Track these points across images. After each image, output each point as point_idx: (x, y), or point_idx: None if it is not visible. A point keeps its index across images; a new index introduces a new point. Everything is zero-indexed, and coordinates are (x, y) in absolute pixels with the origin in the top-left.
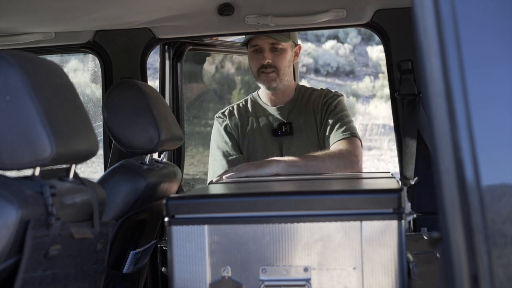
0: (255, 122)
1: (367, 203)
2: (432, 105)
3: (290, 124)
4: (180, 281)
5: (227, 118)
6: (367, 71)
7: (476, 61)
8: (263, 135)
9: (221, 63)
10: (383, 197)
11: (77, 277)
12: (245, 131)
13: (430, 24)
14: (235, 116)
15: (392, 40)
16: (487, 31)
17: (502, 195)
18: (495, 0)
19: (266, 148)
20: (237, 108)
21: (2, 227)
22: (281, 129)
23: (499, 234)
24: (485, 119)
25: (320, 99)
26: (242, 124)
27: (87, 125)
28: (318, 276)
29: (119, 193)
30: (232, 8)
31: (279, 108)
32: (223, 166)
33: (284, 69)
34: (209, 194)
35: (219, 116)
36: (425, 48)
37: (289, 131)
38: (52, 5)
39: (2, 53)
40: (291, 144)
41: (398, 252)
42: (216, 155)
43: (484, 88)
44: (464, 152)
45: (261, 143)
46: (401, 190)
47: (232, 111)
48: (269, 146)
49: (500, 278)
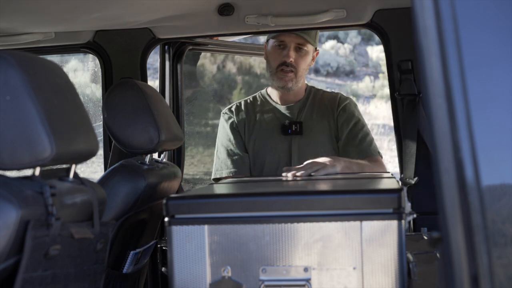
0: (263, 120)
1: (367, 203)
2: (432, 105)
3: (300, 123)
4: (180, 281)
5: (233, 115)
6: (367, 71)
7: (476, 61)
8: (272, 133)
9: (222, 63)
10: (383, 197)
11: (77, 277)
12: (252, 128)
13: (430, 24)
14: (242, 112)
15: (392, 40)
16: (487, 31)
17: (502, 195)
18: (495, 0)
19: (274, 146)
20: (244, 104)
21: (2, 227)
22: (291, 127)
23: (499, 234)
24: (485, 119)
25: (335, 104)
26: (249, 121)
27: (87, 125)
28: (318, 276)
29: (119, 193)
30: (232, 8)
31: (288, 107)
32: (227, 166)
33: (302, 71)
34: (209, 194)
35: (226, 112)
36: (425, 48)
37: (299, 131)
38: (52, 5)
39: (2, 53)
40: (300, 143)
41: (398, 252)
42: (220, 153)
43: (484, 88)
44: (464, 152)
45: (270, 141)
46: (401, 190)
47: (240, 107)
48: (278, 144)
49: (500, 278)
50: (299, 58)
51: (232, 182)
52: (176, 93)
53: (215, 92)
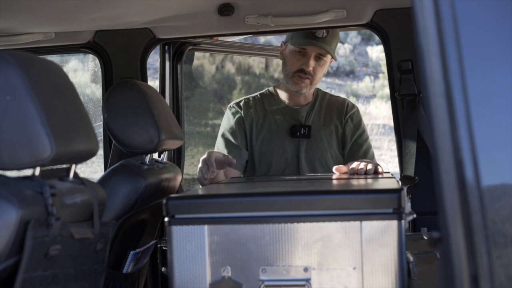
0: (272, 120)
1: (367, 203)
2: (432, 105)
3: (309, 127)
4: (180, 281)
5: (241, 110)
6: (367, 71)
7: (476, 61)
8: (280, 135)
9: (221, 63)
10: (383, 197)
11: (77, 277)
12: (260, 127)
13: (430, 24)
14: (251, 110)
15: (392, 40)
16: (487, 31)
17: (502, 195)
18: (495, 0)
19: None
20: (253, 101)
21: (2, 227)
22: (300, 130)
23: (499, 234)
24: (485, 119)
25: (343, 111)
26: (258, 119)
27: (87, 125)
28: (318, 276)
29: (119, 193)
30: (232, 8)
31: (297, 110)
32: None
33: (318, 79)
34: (209, 194)
35: (233, 106)
36: (425, 48)
37: (307, 134)
38: (52, 5)
39: (2, 53)
40: (308, 146)
41: (398, 252)
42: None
43: (484, 88)
44: (464, 152)
45: (277, 143)
46: (401, 190)
47: (248, 103)
48: (285, 146)
49: (500, 278)
50: (317, 66)
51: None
52: (176, 93)
53: (215, 92)
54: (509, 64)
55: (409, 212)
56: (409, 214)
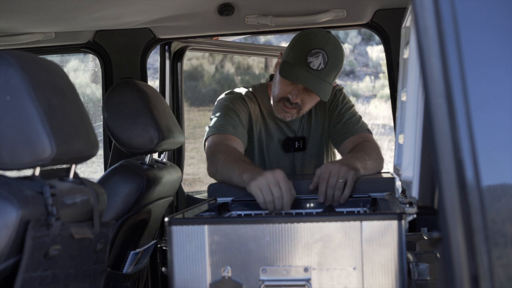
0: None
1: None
2: (432, 105)
3: (303, 139)
4: (180, 281)
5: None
6: (367, 71)
7: (476, 61)
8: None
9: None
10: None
11: (77, 277)
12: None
13: (430, 24)
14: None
15: (392, 40)
16: (487, 31)
17: (502, 195)
18: (495, 0)
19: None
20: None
21: (2, 227)
22: (294, 145)
23: (499, 234)
24: (485, 119)
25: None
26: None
27: (87, 125)
28: (318, 276)
29: (119, 193)
30: (232, 8)
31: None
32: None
33: (307, 109)
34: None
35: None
36: (425, 48)
37: (302, 147)
38: (52, 5)
39: (2, 53)
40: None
41: (398, 252)
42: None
43: (484, 88)
44: (464, 152)
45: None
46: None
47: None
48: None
49: (500, 278)
50: (306, 98)
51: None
52: (176, 93)
53: (214, 92)
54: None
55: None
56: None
